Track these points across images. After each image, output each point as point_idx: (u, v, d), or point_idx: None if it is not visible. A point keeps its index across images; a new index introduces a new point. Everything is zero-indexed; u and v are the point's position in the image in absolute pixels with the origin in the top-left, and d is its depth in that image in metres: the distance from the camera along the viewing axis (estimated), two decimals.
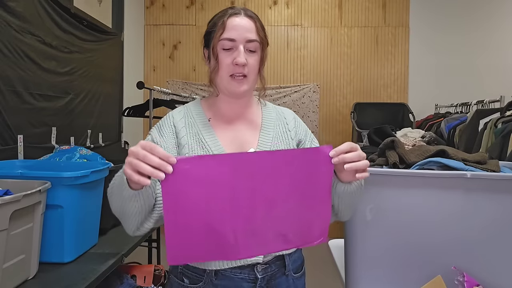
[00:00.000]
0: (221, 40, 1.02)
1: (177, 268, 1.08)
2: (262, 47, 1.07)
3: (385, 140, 1.40)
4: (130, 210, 0.89)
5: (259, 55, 1.06)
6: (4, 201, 1.09)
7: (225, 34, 1.02)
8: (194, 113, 1.11)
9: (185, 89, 4.47)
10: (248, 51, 1.04)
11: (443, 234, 1.20)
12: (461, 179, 1.17)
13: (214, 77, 1.07)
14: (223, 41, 1.02)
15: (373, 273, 1.26)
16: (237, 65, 1.02)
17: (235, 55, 1.02)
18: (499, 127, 2.35)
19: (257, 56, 1.06)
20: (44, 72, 2.30)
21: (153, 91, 3.01)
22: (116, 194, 0.90)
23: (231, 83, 1.04)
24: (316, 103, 4.51)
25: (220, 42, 1.02)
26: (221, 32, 1.02)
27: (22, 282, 1.27)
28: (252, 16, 1.06)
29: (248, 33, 1.03)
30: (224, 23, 1.03)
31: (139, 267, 2.04)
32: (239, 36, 1.02)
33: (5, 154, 1.90)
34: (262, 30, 1.07)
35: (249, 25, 1.04)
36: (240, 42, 1.02)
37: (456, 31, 4.42)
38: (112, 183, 0.94)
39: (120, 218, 0.95)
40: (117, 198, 0.90)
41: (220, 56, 1.03)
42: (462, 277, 1.13)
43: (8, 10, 1.97)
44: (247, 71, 1.04)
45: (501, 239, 1.19)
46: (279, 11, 4.55)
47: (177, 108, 1.15)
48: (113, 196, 0.92)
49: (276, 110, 1.19)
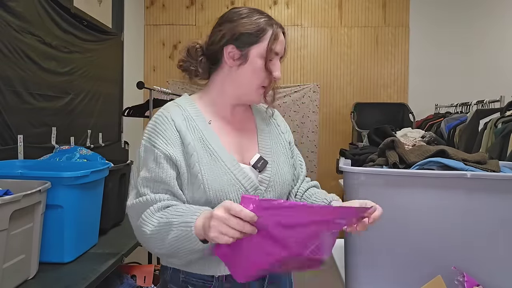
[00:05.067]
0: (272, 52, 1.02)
1: (178, 276, 1.01)
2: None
3: (385, 140, 1.40)
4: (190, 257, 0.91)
5: None
6: (4, 201, 1.09)
7: (276, 47, 1.03)
8: (193, 114, 1.04)
9: (185, 89, 4.47)
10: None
11: (443, 234, 1.20)
12: (461, 179, 1.17)
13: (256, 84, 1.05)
14: (272, 53, 1.02)
15: (373, 273, 1.26)
16: (274, 78, 1.05)
17: (273, 69, 1.04)
18: (499, 127, 2.35)
19: None
20: (44, 72, 2.30)
21: (153, 91, 3.01)
22: (175, 244, 0.89)
23: (258, 94, 1.05)
24: (316, 103, 4.50)
25: (270, 53, 1.02)
26: (275, 44, 1.02)
27: (22, 282, 1.27)
28: (284, 32, 1.08)
29: (283, 49, 1.07)
30: (277, 35, 1.03)
31: (139, 267, 2.04)
32: (281, 51, 1.06)
33: (5, 154, 1.90)
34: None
35: (284, 41, 1.07)
36: (279, 57, 1.06)
37: (456, 30, 4.42)
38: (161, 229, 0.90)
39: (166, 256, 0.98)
40: (178, 247, 0.89)
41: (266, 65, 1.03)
42: (462, 277, 1.13)
43: (8, 10, 1.97)
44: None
45: (501, 239, 1.19)
46: (279, 11, 4.55)
47: (170, 108, 1.04)
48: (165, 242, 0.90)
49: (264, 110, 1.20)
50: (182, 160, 0.97)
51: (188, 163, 0.97)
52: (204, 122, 1.04)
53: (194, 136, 1.00)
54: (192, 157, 0.97)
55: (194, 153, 0.97)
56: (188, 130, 1.00)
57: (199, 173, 0.96)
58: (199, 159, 0.97)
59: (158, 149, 0.96)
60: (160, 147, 0.96)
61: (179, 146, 0.98)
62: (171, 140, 0.97)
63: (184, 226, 0.86)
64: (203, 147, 0.99)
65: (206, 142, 1.00)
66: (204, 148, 0.99)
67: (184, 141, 0.98)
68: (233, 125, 1.08)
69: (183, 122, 1.00)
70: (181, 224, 0.86)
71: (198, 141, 0.99)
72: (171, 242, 0.88)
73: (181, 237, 0.86)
